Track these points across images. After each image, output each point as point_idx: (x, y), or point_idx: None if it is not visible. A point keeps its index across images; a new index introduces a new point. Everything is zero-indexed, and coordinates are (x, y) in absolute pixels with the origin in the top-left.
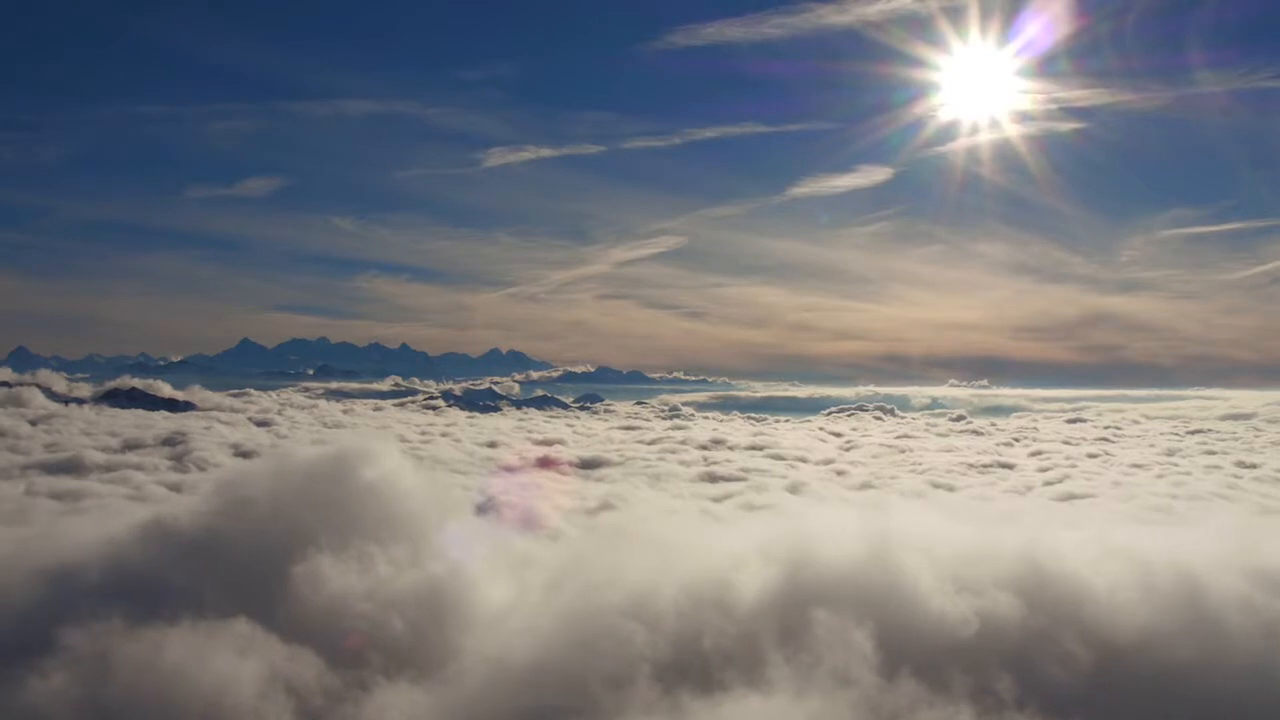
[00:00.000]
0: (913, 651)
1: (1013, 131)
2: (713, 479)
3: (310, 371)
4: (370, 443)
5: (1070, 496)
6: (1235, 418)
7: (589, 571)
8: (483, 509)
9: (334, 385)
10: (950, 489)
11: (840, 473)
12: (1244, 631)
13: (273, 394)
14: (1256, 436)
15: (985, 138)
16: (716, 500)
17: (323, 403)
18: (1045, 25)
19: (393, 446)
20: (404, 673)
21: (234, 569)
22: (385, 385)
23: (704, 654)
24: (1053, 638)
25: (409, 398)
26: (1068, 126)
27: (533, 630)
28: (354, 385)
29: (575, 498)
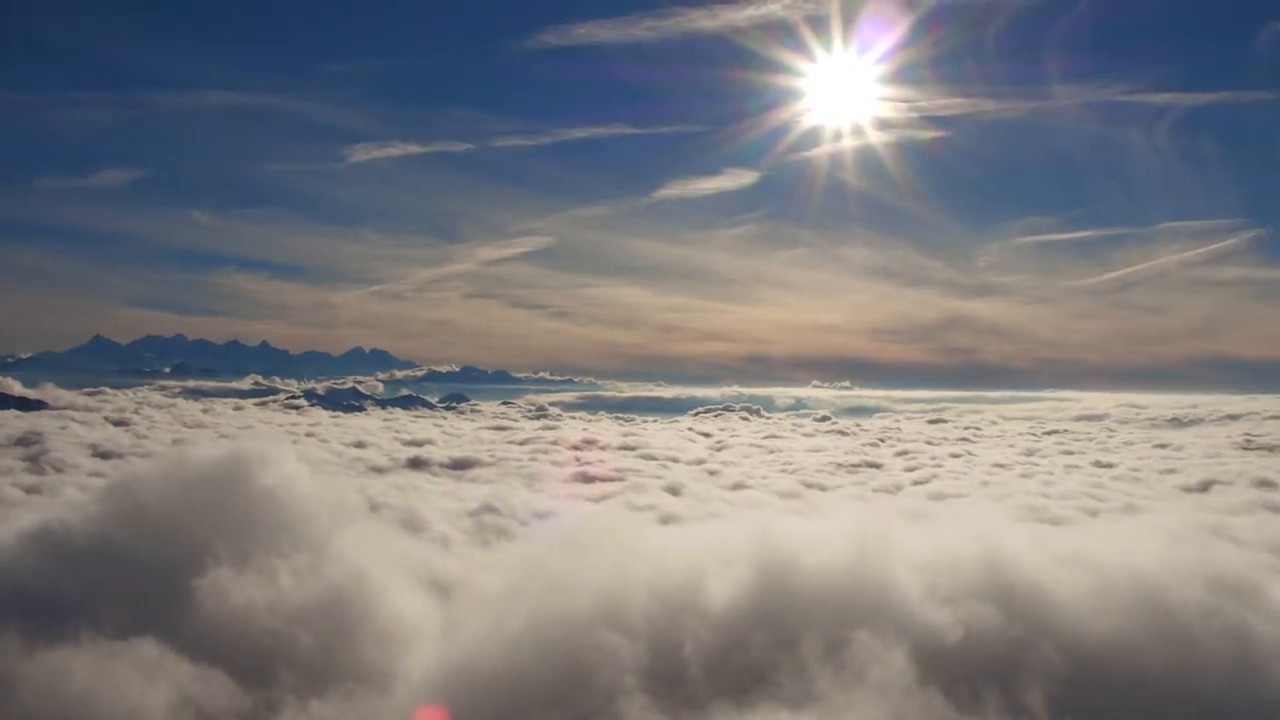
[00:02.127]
0: (903, 660)
1: (875, 138)
2: (587, 479)
3: (167, 369)
4: (265, 446)
5: (941, 496)
6: (1088, 419)
7: (546, 576)
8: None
9: (192, 384)
10: (822, 488)
11: (712, 472)
12: (1204, 632)
13: (128, 392)
14: (1110, 436)
15: (849, 144)
16: (595, 501)
17: (181, 401)
18: (906, 35)
19: (288, 450)
20: (315, 691)
21: (132, 582)
22: (245, 384)
23: (685, 662)
24: (1030, 645)
25: (270, 397)
26: (928, 134)
27: (495, 639)
28: (212, 384)
29: (454, 499)
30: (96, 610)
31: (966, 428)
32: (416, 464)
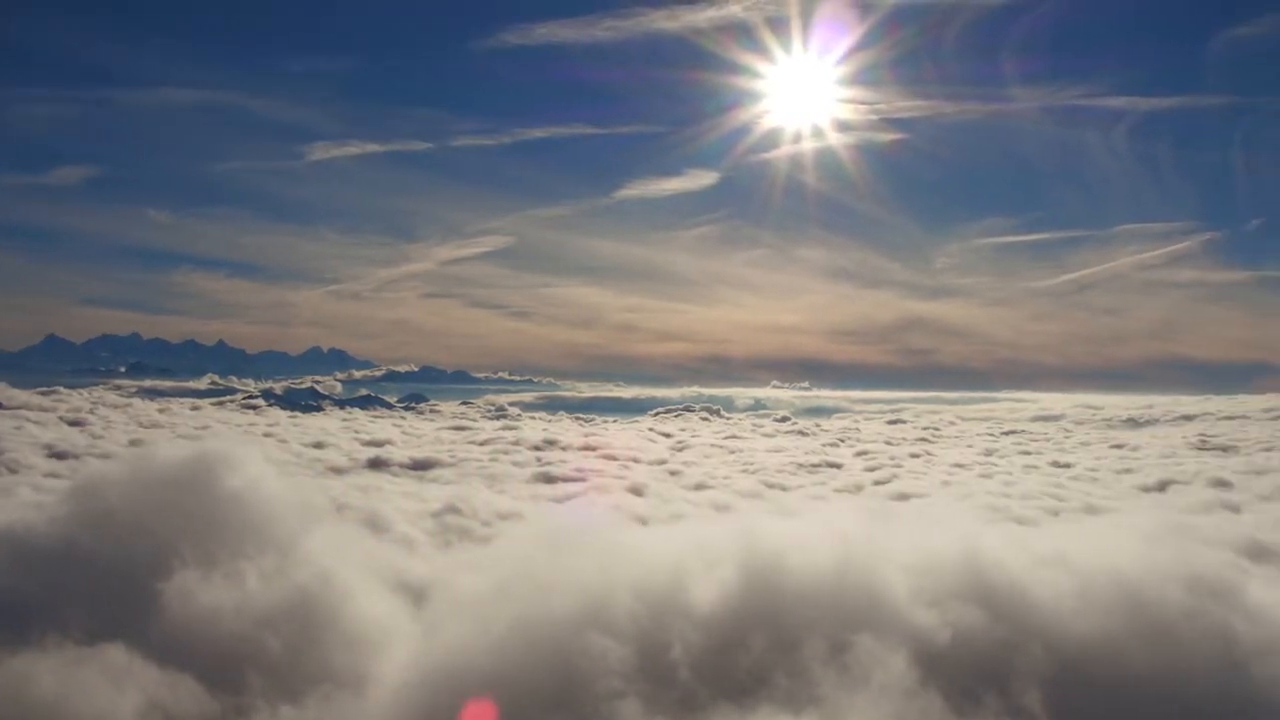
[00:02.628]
0: (902, 662)
1: (835, 140)
2: (549, 479)
3: (122, 369)
4: (231, 447)
5: (903, 496)
6: (1045, 419)
7: (529, 577)
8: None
9: (148, 383)
10: (783, 489)
11: (674, 473)
12: (1187, 633)
13: (83, 392)
14: (1067, 437)
15: (808, 146)
16: (558, 501)
17: (137, 401)
18: (865, 38)
19: (254, 451)
20: (285, 695)
21: (98, 585)
22: (202, 384)
23: (675, 664)
24: (1017, 647)
25: (227, 397)
26: (887, 137)
27: (480, 640)
28: (169, 384)
29: (416, 500)
30: (63, 614)
31: (925, 428)
32: (376, 464)
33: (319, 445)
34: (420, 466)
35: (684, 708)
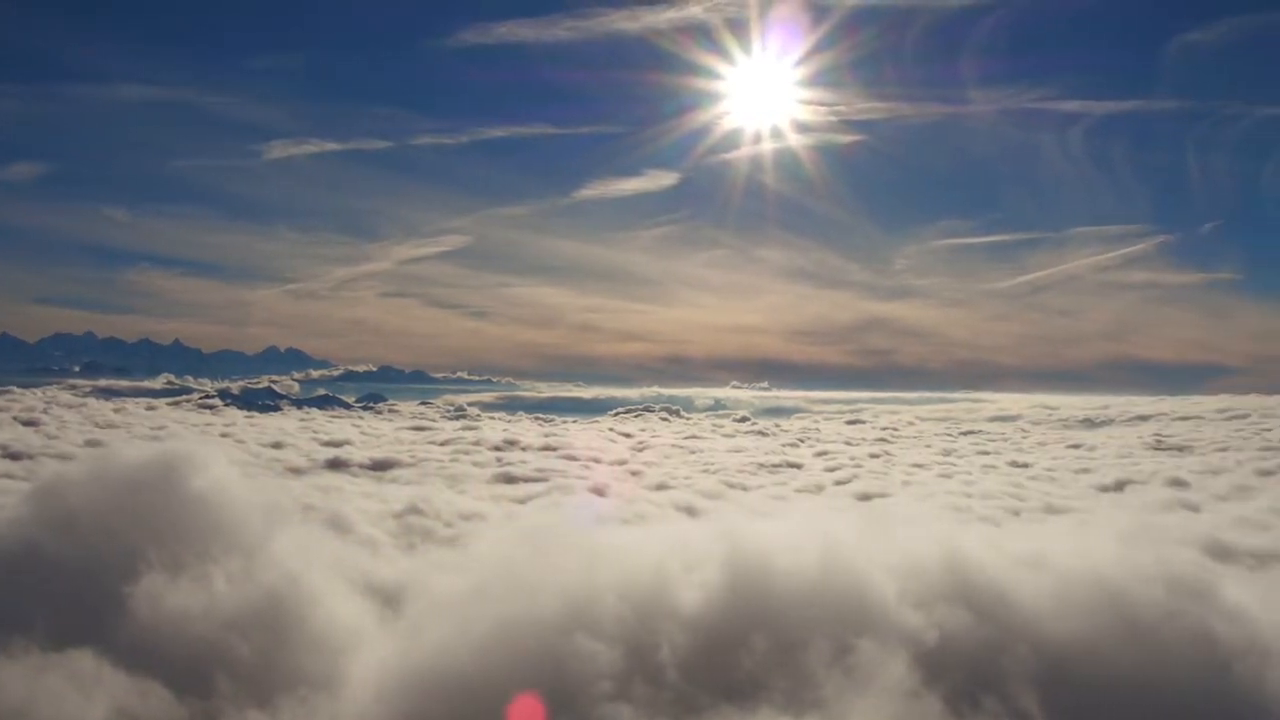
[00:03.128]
0: (901, 665)
1: (794, 141)
2: (509, 480)
3: (76, 368)
4: (196, 447)
5: (865, 496)
6: (1002, 419)
7: (510, 577)
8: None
9: (103, 383)
10: (744, 489)
11: (635, 473)
12: (1169, 633)
13: (37, 391)
14: (1024, 437)
15: (768, 147)
16: (520, 502)
17: (92, 401)
18: (824, 40)
19: (219, 451)
20: (254, 699)
21: (63, 589)
22: (158, 383)
23: (663, 667)
24: (1004, 648)
25: (183, 396)
26: (846, 138)
27: (461, 641)
28: (124, 383)
29: (376, 501)
30: (28, 620)
31: (884, 428)
32: (336, 465)
33: (277, 445)
34: (380, 467)
35: (676, 711)
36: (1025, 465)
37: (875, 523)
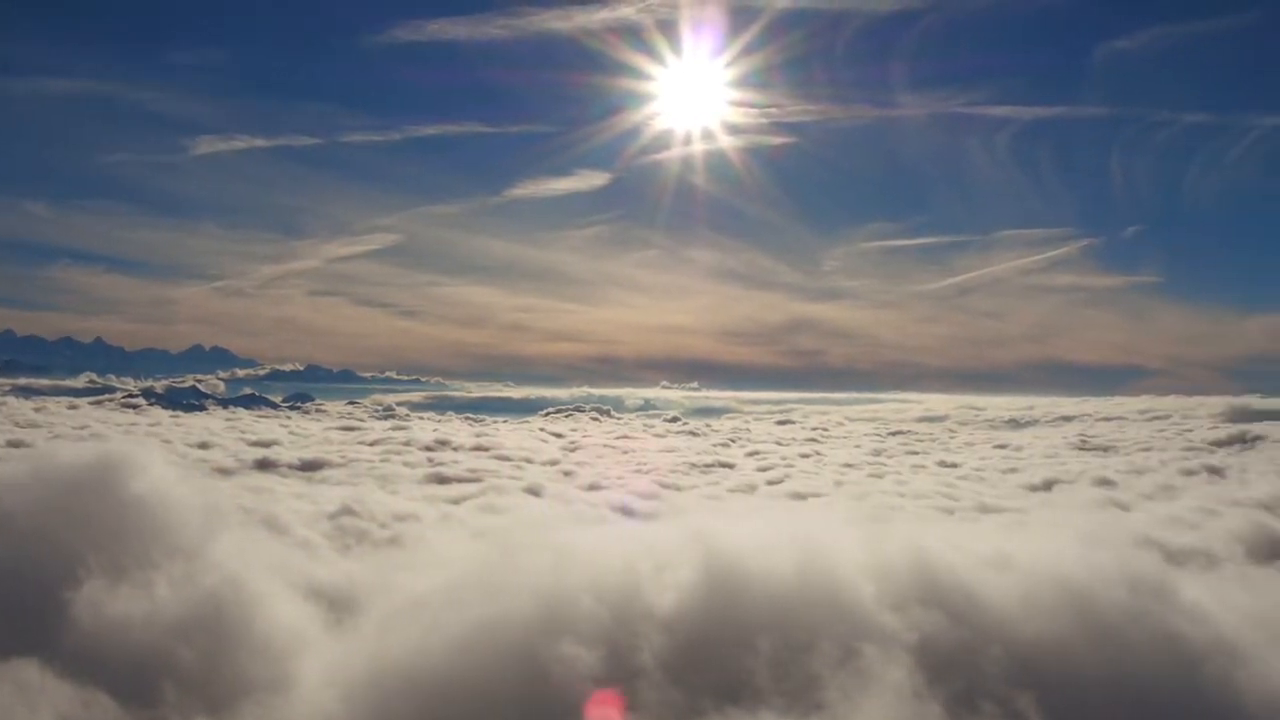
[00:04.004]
0: (864, 663)
1: (725, 143)
2: (441, 480)
3: None
4: (134, 449)
5: (798, 495)
6: (930, 420)
7: (473, 578)
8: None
9: (22, 381)
10: (678, 489)
11: (567, 473)
12: (1136, 633)
13: None
14: (951, 437)
15: (699, 148)
16: (454, 502)
17: (12, 400)
18: (755, 42)
19: (158, 453)
20: (201, 706)
21: (3, 597)
22: (79, 382)
23: (644, 669)
24: (978, 649)
25: (106, 395)
26: (778, 140)
27: (432, 642)
28: (45, 382)
29: (308, 502)
30: None
31: (814, 428)
32: (265, 465)
33: (204, 445)
34: (309, 467)
35: (660, 713)
36: (954, 465)
37: (838, 523)
